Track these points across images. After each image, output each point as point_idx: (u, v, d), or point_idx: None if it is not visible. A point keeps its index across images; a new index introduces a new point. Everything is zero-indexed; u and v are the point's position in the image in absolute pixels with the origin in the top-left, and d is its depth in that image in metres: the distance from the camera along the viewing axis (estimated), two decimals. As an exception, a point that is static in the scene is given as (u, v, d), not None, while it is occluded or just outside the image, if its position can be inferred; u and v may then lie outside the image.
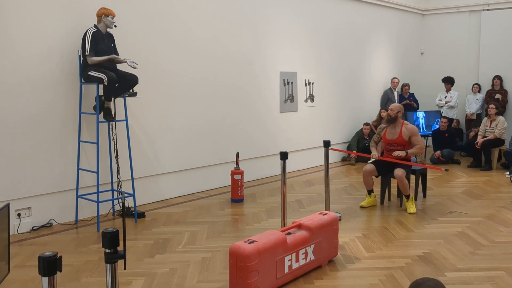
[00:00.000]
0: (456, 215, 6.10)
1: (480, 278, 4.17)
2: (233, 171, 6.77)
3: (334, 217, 4.55)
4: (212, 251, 4.87)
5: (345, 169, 9.23)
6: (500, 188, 7.62)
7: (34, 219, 5.56)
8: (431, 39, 12.09)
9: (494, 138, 9.02)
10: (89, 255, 4.78)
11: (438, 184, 7.87)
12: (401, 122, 6.37)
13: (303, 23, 8.83)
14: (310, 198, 7.01)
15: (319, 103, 9.36)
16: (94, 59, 5.42)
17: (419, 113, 10.34)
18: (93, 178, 5.81)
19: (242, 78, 7.81)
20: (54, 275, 2.12)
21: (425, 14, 12.12)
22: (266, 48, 8.17)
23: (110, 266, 2.33)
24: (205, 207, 6.50)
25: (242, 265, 3.68)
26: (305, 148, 9.10)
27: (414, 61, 12.04)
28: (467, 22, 11.50)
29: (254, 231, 5.36)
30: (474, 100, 10.78)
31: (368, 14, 10.37)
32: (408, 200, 6.28)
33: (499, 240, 5.17)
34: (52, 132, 5.64)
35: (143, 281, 4.15)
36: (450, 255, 4.72)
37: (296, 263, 4.10)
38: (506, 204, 6.60)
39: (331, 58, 9.56)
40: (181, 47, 6.86)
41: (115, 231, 2.29)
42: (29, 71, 5.40)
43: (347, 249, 4.90)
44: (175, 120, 6.90)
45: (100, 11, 5.55)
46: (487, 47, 11.12)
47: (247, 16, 7.78)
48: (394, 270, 4.35)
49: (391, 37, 11.16)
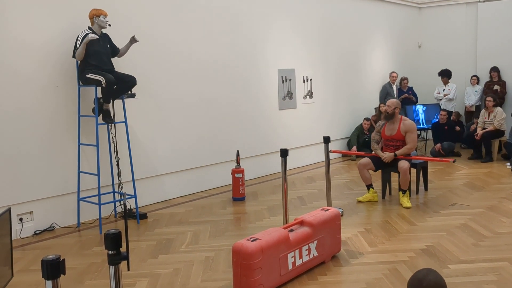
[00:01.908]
0: (458, 207, 6.10)
1: (483, 270, 4.17)
2: (234, 170, 6.77)
3: (336, 212, 4.55)
4: (215, 250, 4.87)
5: (345, 164, 9.23)
6: (501, 179, 7.62)
7: (36, 223, 5.57)
8: (428, 32, 12.07)
9: (493, 129, 9.01)
10: (92, 257, 4.78)
11: (439, 177, 7.87)
12: (399, 117, 6.37)
13: (300, 20, 8.82)
14: (312, 194, 7.01)
15: (318, 99, 9.35)
16: (77, 52, 5.39)
17: (418, 107, 10.32)
18: (94, 181, 5.81)
19: (241, 76, 7.80)
20: (58, 278, 2.12)
21: (422, 7, 12.11)
22: (264, 45, 8.16)
23: (113, 267, 2.33)
24: (207, 207, 6.50)
25: (245, 263, 3.68)
26: (305, 144, 9.10)
27: (412, 55, 12.02)
28: (464, 14, 11.49)
29: (257, 229, 5.36)
30: (473, 92, 10.77)
31: (365, 9, 10.36)
32: (404, 195, 6.28)
33: (501, 231, 5.17)
34: (52, 136, 5.63)
35: (147, 282, 4.15)
36: (453, 247, 4.72)
37: (300, 260, 4.09)
38: (507, 195, 6.60)
39: (329, 54, 9.55)
40: (178, 45, 6.85)
41: (117, 232, 2.29)
42: (27, 76, 5.40)
43: (350, 244, 4.91)
44: (174, 119, 6.89)
45: (91, 13, 5.53)
46: (484, 39, 11.10)
47: (244, 14, 7.77)
48: (397, 264, 4.35)
49: (388, 31, 11.14)
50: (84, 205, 5.89)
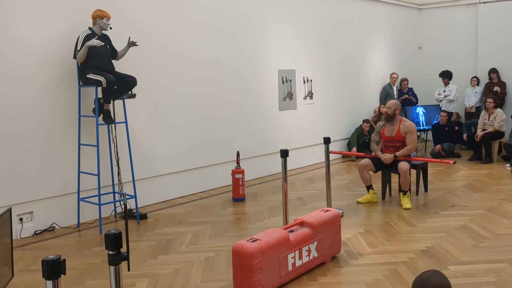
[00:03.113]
0: (458, 209, 6.10)
1: (483, 271, 4.17)
2: (234, 170, 6.77)
3: (336, 213, 4.55)
4: (215, 250, 4.87)
5: (345, 165, 9.23)
6: (501, 180, 7.62)
7: (37, 223, 5.57)
8: (429, 33, 12.08)
9: (493, 130, 9.02)
10: (92, 257, 4.78)
11: (439, 178, 7.88)
12: (399, 118, 6.37)
13: (300, 20, 8.83)
14: (312, 195, 7.01)
15: (318, 100, 9.36)
16: (79, 54, 5.41)
17: (419, 109, 10.29)
18: (94, 181, 5.81)
19: (241, 77, 7.80)
20: (58, 278, 2.12)
21: (422, 8, 12.11)
22: (264, 46, 8.16)
23: (113, 268, 2.34)
24: (207, 207, 6.50)
25: (245, 263, 3.68)
26: (305, 145, 9.10)
27: (412, 56, 12.03)
28: (464, 15, 11.49)
29: (257, 229, 5.36)
30: (473, 93, 10.77)
31: (365, 10, 10.36)
32: (404, 196, 6.28)
33: (501, 232, 5.17)
34: (52, 136, 5.64)
35: (147, 282, 4.15)
36: (453, 248, 4.72)
37: (300, 261, 4.10)
38: (507, 196, 6.60)
39: (329, 54, 9.56)
40: (179, 46, 6.86)
41: (117, 233, 2.30)
42: (28, 76, 5.40)
43: (350, 245, 4.91)
44: (175, 120, 6.90)
45: (95, 13, 5.54)
46: (484, 40, 11.10)
47: (245, 15, 7.77)
48: (397, 265, 4.35)
49: (388, 32, 11.15)
50: (84, 205, 5.89)
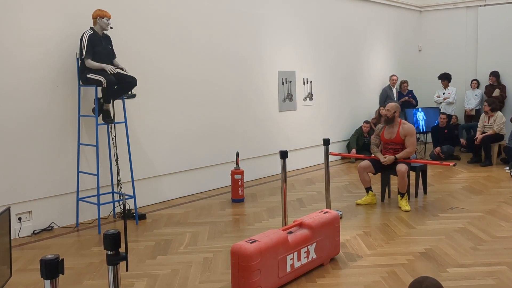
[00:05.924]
0: (457, 211, 6.10)
1: (482, 273, 4.17)
2: (233, 171, 6.77)
3: (335, 215, 4.55)
4: (214, 251, 4.87)
5: (345, 167, 9.23)
6: (500, 183, 7.62)
7: (35, 222, 5.56)
8: (429, 35, 12.09)
9: (493, 133, 9.02)
10: (91, 257, 4.78)
11: (439, 180, 7.88)
12: (398, 121, 6.38)
13: (300, 22, 8.83)
14: (311, 196, 7.01)
15: (318, 101, 9.36)
16: (91, 63, 5.42)
17: (419, 114, 10.25)
18: (93, 181, 5.81)
19: (241, 78, 7.81)
20: (56, 278, 2.12)
21: (422, 10, 12.12)
22: (264, 47, 8.17)
23: (112, 268, 2.33)
24: (206, 208, 6.49)
25: (244, 264, 3.68)
26: (304, 146, 9.10)
27: (412, 58, 12.03)
28: (464, 18, 11.50)
29: (256, 230, 5.36)
30: (473, 96, 10.77)
31: (365, 12, 10.37)
32: (402, 198, 6.28)
33: (500, 235, 5.17)
34: (52, 135, 5.63)
35: (145, 283, 4.14)
36: (451, 251, 4.72)
37: (298, 262, 4.09)
38: (506, 199, 6.60)
39: (329, 56, 9.56)
40: (178, 47, 6.86)
41: (116, 233, 2.29)
42: (27, 75, 5.40)
43: (349, 247, 4.90)
44: (174, 121, 6.90)
45: (95, 13, 5.54)
46: (484, 43, 11.11)
47: (244, 16, 7.77)
48: (396, 267, 4.35)
49: (388, 34, 11.16)
50: (83, 205, 5.89)
